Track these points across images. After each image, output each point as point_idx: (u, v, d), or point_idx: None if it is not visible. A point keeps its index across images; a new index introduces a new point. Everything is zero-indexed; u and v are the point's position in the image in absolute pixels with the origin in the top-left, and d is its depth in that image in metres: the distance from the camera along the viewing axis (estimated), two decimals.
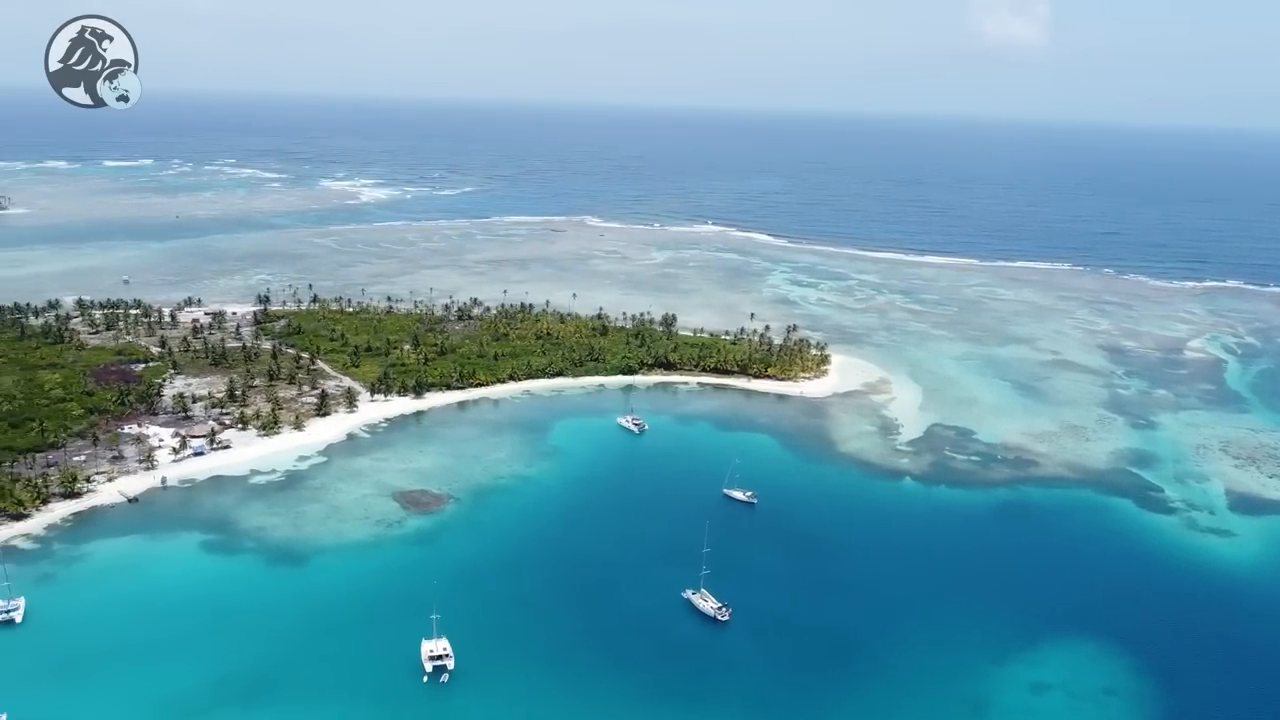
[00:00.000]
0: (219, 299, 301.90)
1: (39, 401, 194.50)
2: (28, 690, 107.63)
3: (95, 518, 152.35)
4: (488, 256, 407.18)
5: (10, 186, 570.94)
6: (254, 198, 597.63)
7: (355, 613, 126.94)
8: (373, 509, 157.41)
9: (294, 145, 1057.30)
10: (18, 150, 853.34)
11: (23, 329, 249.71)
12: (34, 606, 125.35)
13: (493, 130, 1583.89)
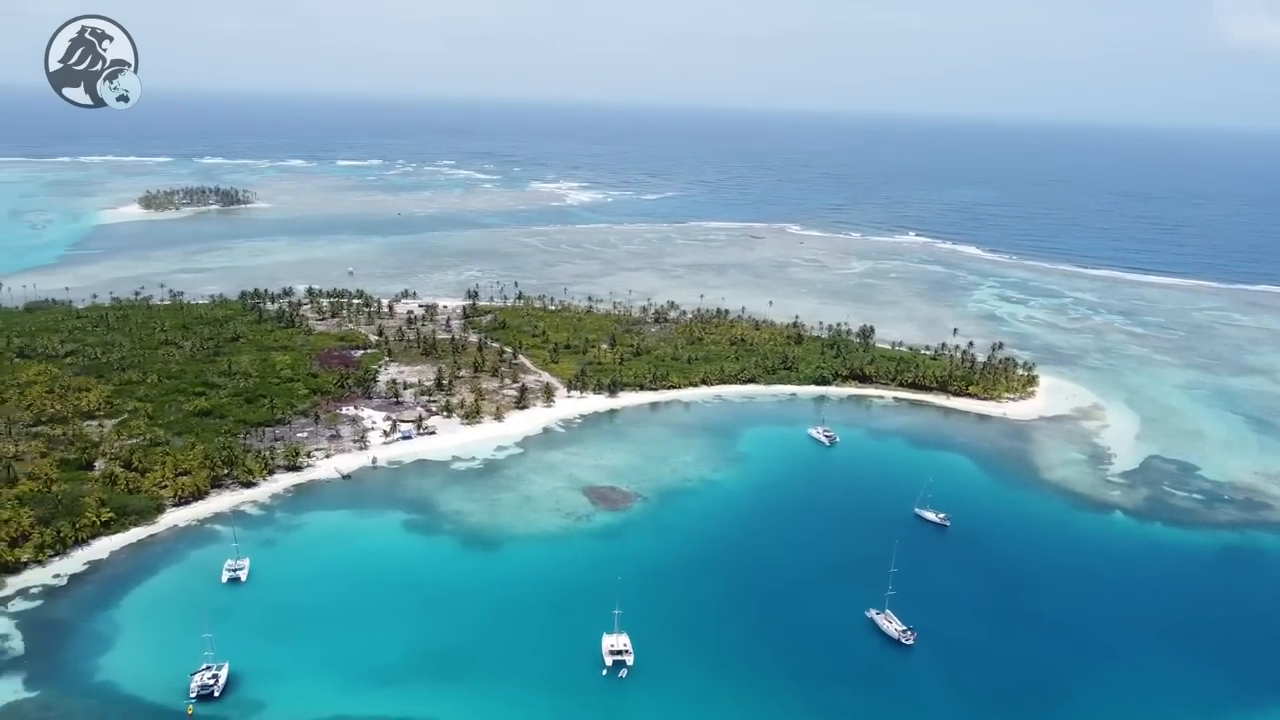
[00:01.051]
0: (432, 292, 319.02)
1: (271, 380, 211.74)
2: (248, 643, 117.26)
3: (313, 490, 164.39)
4: (686, 261, 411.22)
5: (256, 183, 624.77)
6: (468, 197, 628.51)
7: (541, 601, 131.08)
8: (563, 502, 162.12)
9: (507, 148, 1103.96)
10: (265, 150, 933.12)
11: (261, 313, 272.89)
12: (257, 567, 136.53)
13: (697, 136, 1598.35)
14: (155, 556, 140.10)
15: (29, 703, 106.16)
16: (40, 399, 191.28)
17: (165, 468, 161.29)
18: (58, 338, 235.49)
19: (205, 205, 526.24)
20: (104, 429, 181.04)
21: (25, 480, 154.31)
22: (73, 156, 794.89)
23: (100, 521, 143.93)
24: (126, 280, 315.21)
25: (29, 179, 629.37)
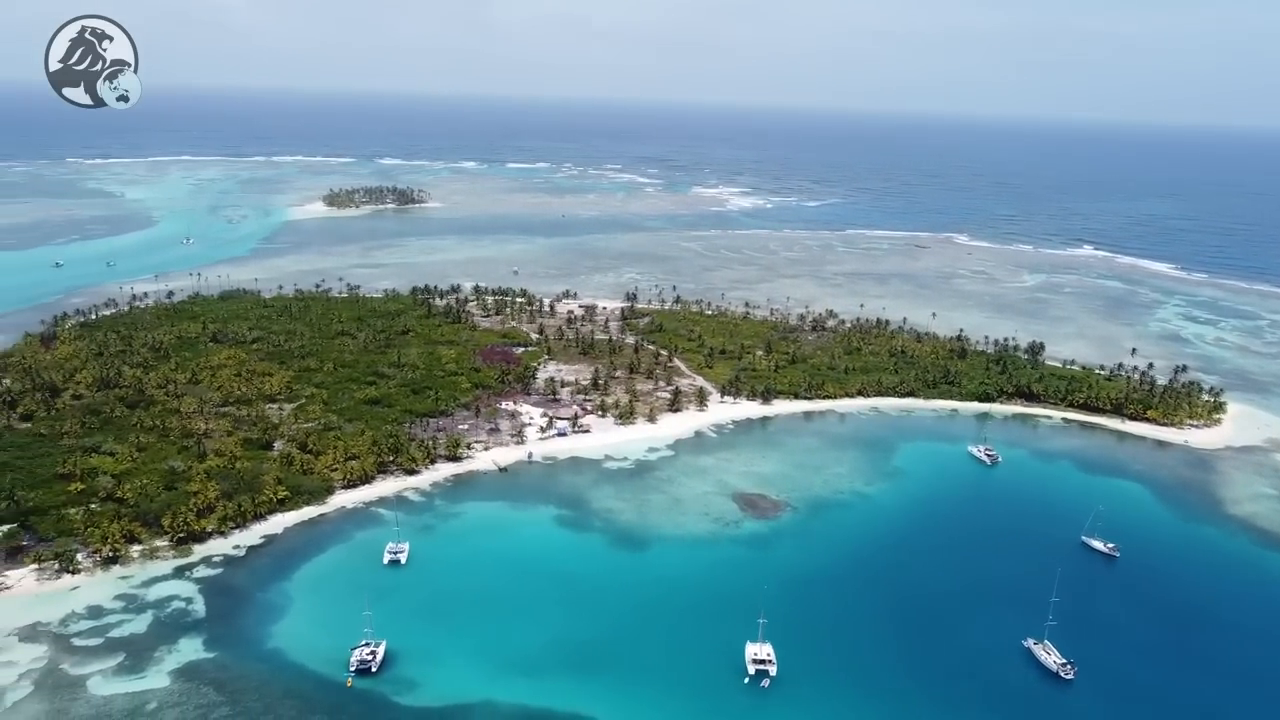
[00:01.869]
0: (592, 293, 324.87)
1: (436, 373, 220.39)
2: (405, 623, 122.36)
3: (471, 481, 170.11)
4: (847, 269, 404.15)
5: (430, 183, 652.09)
6: (631, 201, 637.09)
7: (686, 603, 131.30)
8: (712, 506, 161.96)
9: (671, 153, 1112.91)
10: (440, 152, 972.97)
11: (429, 308, 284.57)
12: (416, 551, 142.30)
13: (864, 142, 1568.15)
14: (324, 535, 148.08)
15: (208, 662, 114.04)
16: (229, 381, 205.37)
17: (336, 452, 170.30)
18: (246, 325, 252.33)
19: (383, 204, 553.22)
20: (283, 412, 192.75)
21: (213, 456, 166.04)
22: (266, 156, 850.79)
23: (277, 499, 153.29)
24: (309, 273, 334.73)
25: (228, 177, 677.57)
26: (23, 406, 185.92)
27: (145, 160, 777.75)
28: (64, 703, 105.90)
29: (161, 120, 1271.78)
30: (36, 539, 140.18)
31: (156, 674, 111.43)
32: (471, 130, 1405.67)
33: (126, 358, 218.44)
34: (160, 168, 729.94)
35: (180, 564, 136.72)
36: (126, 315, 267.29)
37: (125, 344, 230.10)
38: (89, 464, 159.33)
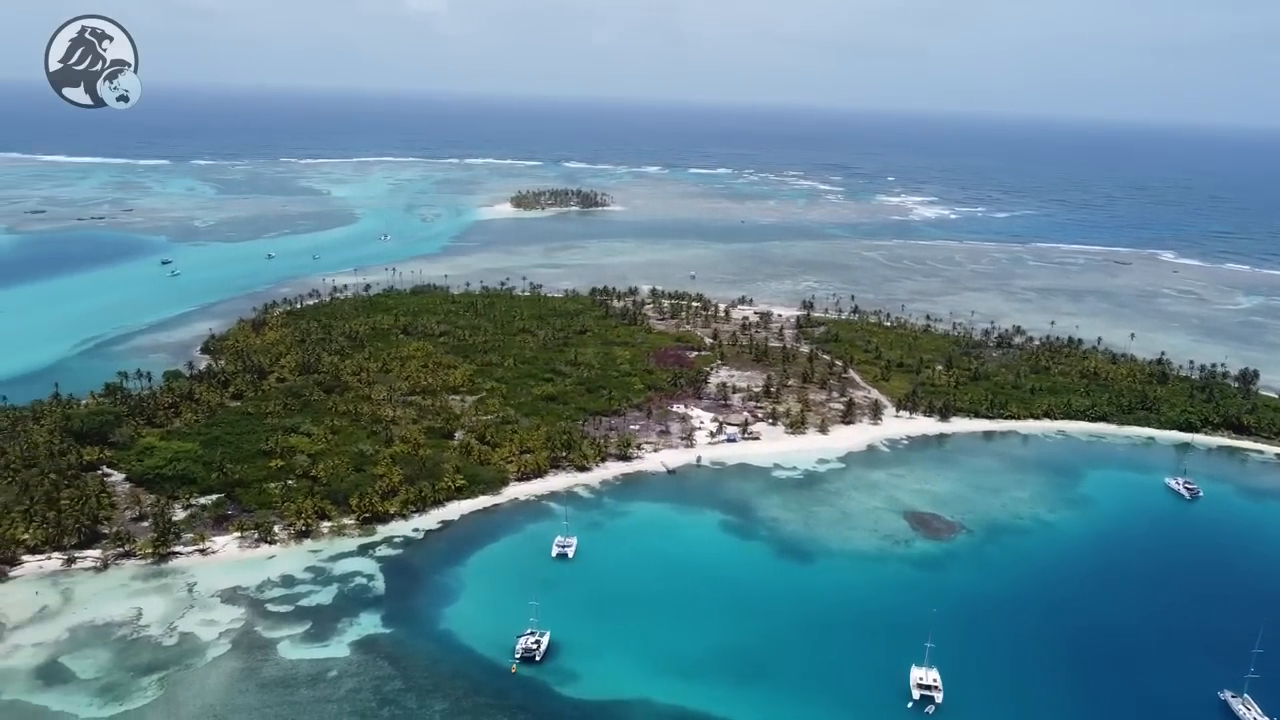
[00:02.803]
0: (768, 300, 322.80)
1: (611, 373, 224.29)
2: (569, 615, 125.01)
3: (640, 481, 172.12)
4: (1037, 284, 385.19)
5: (614, 187, 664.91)
6: (811, 208, 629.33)
7: (850, 621, 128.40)
8: (882, 523, 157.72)
9: (855, 160, 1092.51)
10: (624, 156, 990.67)
11: (607, 309, 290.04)
12: (584, 546, 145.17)
13: (1062, 150, 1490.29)
14: (496, 524, 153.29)
15: (385, 637, 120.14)
16: (416, 372, 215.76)
17: (512, 445, 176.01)
18: (434, 319, 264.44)
19: (567, 206, 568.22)
20: (465, 404, 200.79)
21: (399, 442, 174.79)
22: (460, 158, 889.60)
23: (454, 486, 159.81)
24: (494, 271, 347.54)
25: (424, 178, 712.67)
26: (234, 386, 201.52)
27: (351, 161, 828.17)
28: (256, 663, 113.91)
29: (371, 122, 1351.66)
30: (240, 509, 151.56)
31: (338, 644, 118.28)
32: (656, 135, 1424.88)
33: (326, 345, 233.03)
34: (365, 168, 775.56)
35: (364, 542, 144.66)
36: (327, 306, 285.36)
37: (325, 333, 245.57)
38: (288, 443, 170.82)
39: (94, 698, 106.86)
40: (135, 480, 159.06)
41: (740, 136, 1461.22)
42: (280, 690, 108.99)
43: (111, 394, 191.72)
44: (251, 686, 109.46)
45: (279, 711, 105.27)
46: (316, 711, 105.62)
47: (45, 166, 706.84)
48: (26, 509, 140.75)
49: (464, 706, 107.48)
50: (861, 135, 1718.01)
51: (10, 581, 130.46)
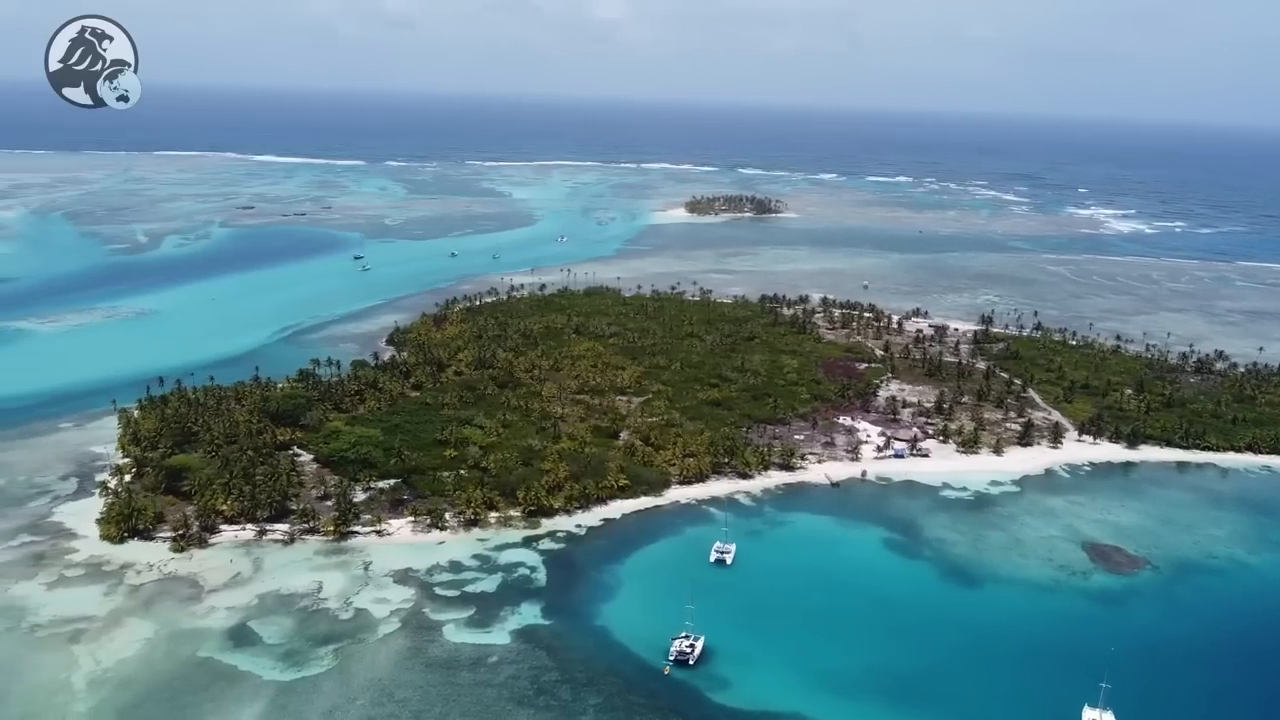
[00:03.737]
0: (943, 313, 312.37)
1: (777, 381, 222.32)
2: (725, 622, 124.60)
3: (802, 492, 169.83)
4: (1245, 306, 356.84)
5: (788, 194, 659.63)
6: (995, 219, 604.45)
7: (1019, 652, 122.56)
8: (1057, 552, 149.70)
9: (1044, 170, 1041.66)
10: (800, 163, 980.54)
11: (776, 316, 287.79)
12: (742, 553, 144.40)
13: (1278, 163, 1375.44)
14: (657, 526, 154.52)
15: (543, 629, 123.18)
16: (586, 371, 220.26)
17: (676, 448, 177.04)
18: (605, 320, 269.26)
19: (740, 212, 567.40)
20: (631, 405, 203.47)
21: (566, 439, 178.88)
22: (636, 163, 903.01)
23: (618, 486, 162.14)
24: (666, 275, 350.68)
25: (601, 181, 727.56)
26: (415, 377, 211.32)
27: (532, 164, 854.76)
28: (422, 642, 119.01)
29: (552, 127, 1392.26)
30: (415, 495, 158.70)
31: (500, 631, 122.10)
32: (833, 142, 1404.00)
33: (501, 342, 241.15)
34: (544, 171, 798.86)
35: (529, 534, 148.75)
36: (504, 304, 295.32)
37: (501, 330, 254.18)
38: (462, 434, 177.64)
39: (277, 662, 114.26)
40: (322, 461, 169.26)
41: (921, 144, 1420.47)
42: (443, 671, 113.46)
43: (304, 379, 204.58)
44: (417, 665, 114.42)
45: (441, 691, 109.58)
46: (476, 695, 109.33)
47: (257, 165, 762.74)
48: (226, 482, 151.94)
49: (616, 704, 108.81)
50: (1052, 144, 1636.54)
51: (210, 548, 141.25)
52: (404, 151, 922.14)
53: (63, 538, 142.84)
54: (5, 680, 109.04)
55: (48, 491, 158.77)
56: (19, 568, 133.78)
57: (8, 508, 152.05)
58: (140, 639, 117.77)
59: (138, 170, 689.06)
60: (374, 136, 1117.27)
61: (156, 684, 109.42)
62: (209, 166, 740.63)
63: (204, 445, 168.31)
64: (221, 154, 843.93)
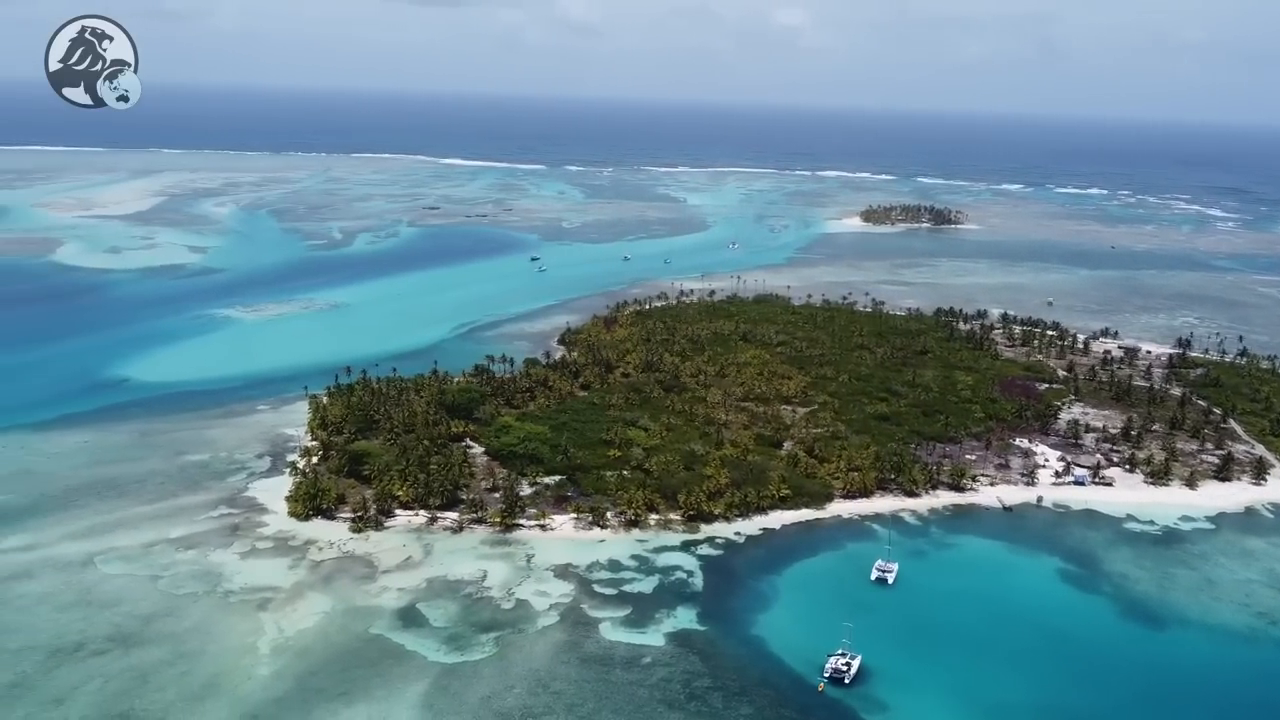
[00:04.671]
0: (1135, 335, 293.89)
1: (949, 398, 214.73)
2: (884, 643, 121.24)
3: (971, 514, 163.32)
4: None
5: (969, 204, 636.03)
6: (1197, 236, 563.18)
7: (1207, 704, 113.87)
8: (1256, 598, 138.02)
9: (1258, 184, 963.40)
10: (983, 173, 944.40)
11: (951, 331, 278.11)
12: (905, 573, 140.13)
13: None
14: (817, 539, 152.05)
15: (698, 634, 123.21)
16: (751, 379, 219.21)
17: (840, 461, 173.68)
18: (773, 328, 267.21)
19: (918, 222, 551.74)
20: (796, 415, 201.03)
21: (729, 446, 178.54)
22: (812, 171, 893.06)
23: (779, 496, 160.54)
24: (837, 285, 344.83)
25: (775, 189, 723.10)
26: (584, 377, 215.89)
27: (707, 170, 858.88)
28: (578, 637, 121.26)
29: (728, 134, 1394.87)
30: (579, 492, 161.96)
31: (655, 632, 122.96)
32: (1020, 151, 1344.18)
33: (668, 346, 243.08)
34: (719, 178, 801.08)
35: (687, 539, 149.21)
36: (673, 308, 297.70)
37: (669, 334, 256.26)
38: (627, 435, 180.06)
39: (441, 644, 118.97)
40: (492, 454, 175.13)
41: (1117, 154, 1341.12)
42: (598, 667, 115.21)
43: (479, 375, 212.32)
44: (573, 659, 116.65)
45: (595, 688, 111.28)
46: (628, 694, 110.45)
47: (444, 168, 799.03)
48: (403, 469, 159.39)
49: (768, 716, 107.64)
50: (1268, 156, 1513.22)
51: (385, 531, 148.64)
52: (583, 156, 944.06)
53: (255, 512, 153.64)
54: (201, 639, 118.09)
55: (245, 468, 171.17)
56: (217, 537, 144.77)
57: (210, 481, 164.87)
58: (319, 612, 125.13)
59: (336, 171, 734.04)
60: (555, 141, 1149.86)
61: (331, 655, 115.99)
62: (400, 168, 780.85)
63: (384, 433, 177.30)
64: (412, 157, 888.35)
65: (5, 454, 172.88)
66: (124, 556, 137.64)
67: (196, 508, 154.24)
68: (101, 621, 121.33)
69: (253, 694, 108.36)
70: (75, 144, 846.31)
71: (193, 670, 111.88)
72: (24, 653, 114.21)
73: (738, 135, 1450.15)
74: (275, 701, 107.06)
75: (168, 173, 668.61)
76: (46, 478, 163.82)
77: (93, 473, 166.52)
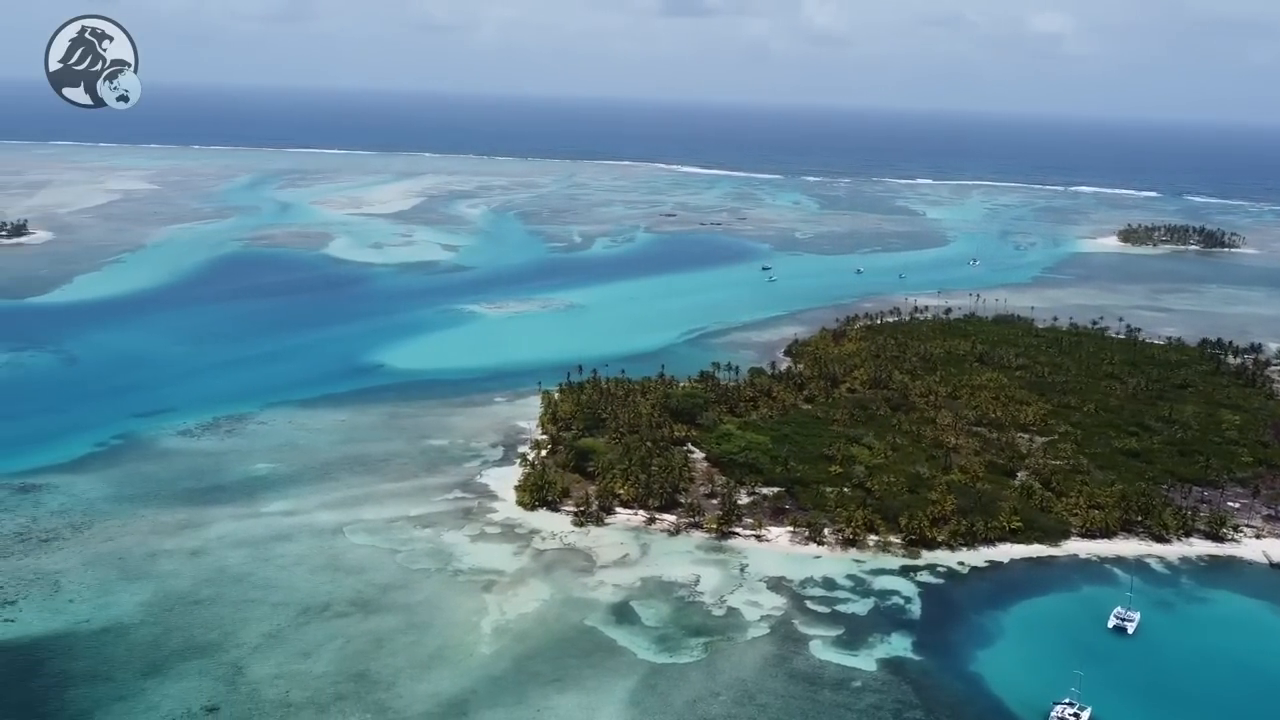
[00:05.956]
0: None
1: (1212, 438, 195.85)
2: (1118, 697, 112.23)
3: (1230, 568, 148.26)
4: None
5: (1248, 226, 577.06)
6: None
7: None
8: None
9: None
10: (1265, 192, 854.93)
11: (1218, 364, 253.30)
12: (1147, 624, 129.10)
13: None
14: (1049, 578, 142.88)
15: (912, 663, 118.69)
16: (986, 403, 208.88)
17: (1080, 496, 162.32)
18: (1013, 351, 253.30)
19: (1184, 244, 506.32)
20: (1033, 444, 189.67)
21: (957, 471, 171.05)
22: (1065, 185, 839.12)
23: (1009, 528, 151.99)
24: (1087, 308, 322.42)
25: (1024, 204, 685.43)
26: (808, 390, 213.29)
27: (950, 183, 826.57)
28: (788, 652, 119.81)
29: (977, 146, 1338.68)
30: (796, 506, 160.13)
31: (866, 657, 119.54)
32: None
33: (898, 364, 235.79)
34: (962, 191, 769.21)
35: (907, 564, 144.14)
36: (905, 325, 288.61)
37: (899, 351, 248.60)
38: (849, 452, 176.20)
39: (651, 643, 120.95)
40: (712, 461, 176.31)
41: None
42: (806, 685, 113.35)
43: (704, 381, 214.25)
44: (781, 674, 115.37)
45: (801, 705, 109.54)
46: (836, 715, 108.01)
47: (681, 176, 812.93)
48: (626, 469, 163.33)
49: None
50: None
51: (605, 527, 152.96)
52: (821, 166, 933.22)
53: (486, 498, 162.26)
54: (431, 613, 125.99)
55: (479, 456, 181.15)
56: (451, 519, 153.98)
57: (448, 465, 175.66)
58: (538, 599, 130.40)
59: (580, 176, 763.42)
60: (794, 151, 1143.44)
61: (547, 641, 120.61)
62: (639, 175, 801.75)
63: (610, 432, 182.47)
64: (651, 164, 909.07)
65: (275, 428, 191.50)
66: (369, 529, 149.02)
67: (434, 489, 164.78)
68: (346, 586, 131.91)
69: (473, 669, 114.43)
70: (349, 147, 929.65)
71: (421, 641, 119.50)
72: (280, 607, 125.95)
73: (986, 147, 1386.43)
74: (493, 680, 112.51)
75: (428, 175, 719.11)
76: (308, 451, 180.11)
77: (346, 449, 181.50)
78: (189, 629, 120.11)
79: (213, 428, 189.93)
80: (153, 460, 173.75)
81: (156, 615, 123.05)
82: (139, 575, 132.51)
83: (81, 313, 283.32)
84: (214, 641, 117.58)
